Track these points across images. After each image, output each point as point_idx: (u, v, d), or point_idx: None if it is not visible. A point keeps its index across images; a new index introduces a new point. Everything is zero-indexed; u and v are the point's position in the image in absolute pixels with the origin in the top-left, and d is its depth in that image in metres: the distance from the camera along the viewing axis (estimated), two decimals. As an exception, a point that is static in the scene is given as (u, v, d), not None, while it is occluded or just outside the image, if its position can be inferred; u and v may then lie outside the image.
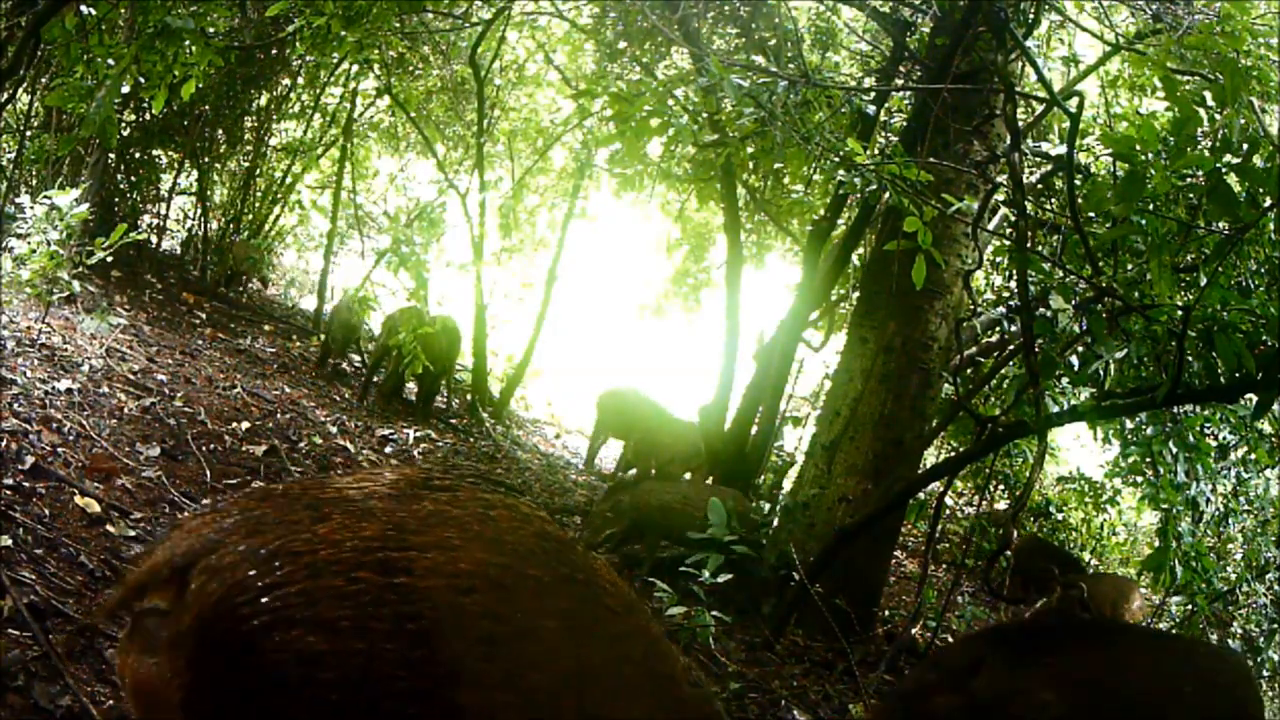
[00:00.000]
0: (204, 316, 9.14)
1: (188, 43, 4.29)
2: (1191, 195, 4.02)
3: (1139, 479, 5.83)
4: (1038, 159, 6.12)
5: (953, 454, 8.01)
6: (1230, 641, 6.81)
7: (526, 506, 1.61)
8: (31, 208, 5.68)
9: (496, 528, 1.48)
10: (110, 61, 4.14)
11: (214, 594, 1.27)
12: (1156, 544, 5.33)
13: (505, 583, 1.41)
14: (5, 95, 6.08)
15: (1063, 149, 4.19)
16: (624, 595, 1.64)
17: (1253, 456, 5.92)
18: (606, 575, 1.66)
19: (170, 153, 10.28)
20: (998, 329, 6.42)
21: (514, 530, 1.51)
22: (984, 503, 9.25)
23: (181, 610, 1.30)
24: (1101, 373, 4.25)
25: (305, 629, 1.26)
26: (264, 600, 1.26)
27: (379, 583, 1.31)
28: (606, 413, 9.16)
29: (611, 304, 14.60)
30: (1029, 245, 4.37)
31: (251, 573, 1.27)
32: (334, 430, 6.96)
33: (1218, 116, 3.28)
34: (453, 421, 9.19)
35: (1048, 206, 6.36)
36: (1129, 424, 5.68)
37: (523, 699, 1.37)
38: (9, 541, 3.24)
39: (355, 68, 9.70)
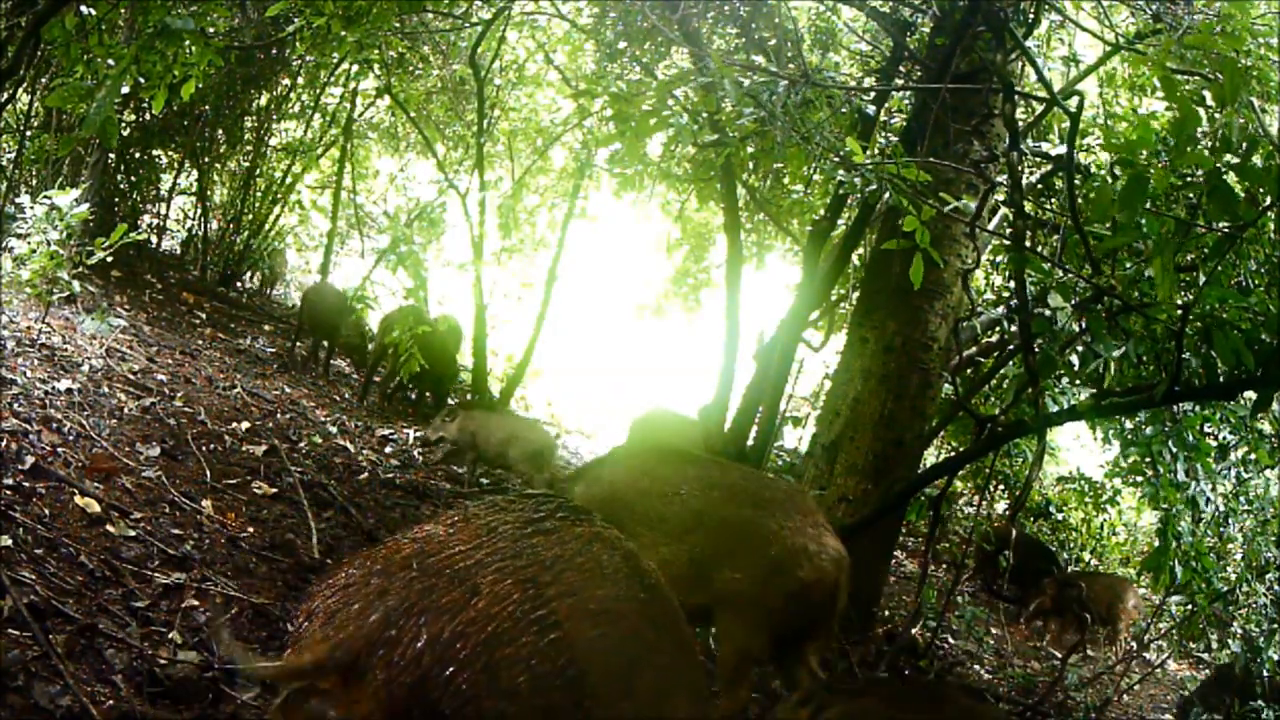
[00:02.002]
0: (204, 316, 9.14)
1: (188, 43, 4.29)
2: (1191, 195, 4.02)
3: (1139, 479, 5.83)
4: (1037, 159, 6.12)
5: (953, 454, 8.01)
6: (1230, 641, 6.81)
7: (601, 527, 1.81)
8: (31, 208, 5.68)
9: (598, 559, 1.70)
10: (110, 61, 4.14)
11: (406, 684, 1.46)
12: (1156, 544, 5.33)
13: (620, 612, 1.66)
14: (5, 95, 6.08)
15: (1063, 149, 4.19)
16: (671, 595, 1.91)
17: (1253, 456, 5.91)
18: (661, 579, 1.92)
19: (170, 153, 10.29)
20: (998, 329, 6.42)
21: (610, 558, 1.75)
22: (984, 503, 9.25)
23: (363, 698, 1.47)
24: (1100, 371, 4.25)
25: (495, 699, 1.45)
26: (455, 684, 1.46)
27: (538, 643, 1.51)
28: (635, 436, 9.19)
29: (611, 304, 14.59)
30: (1028, 245, 4.37)
31: (439, 662, 1.46)
32: (334, 430, 6.96)
33: (1218, 116, 3.28)
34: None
35: (1048, 206, 6.36)
36: (1129, 423, 5.68)
37: (643, 705, 1.62)
38: (9, 541, 3.24)
39: (355, 68, 9.71)
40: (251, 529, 4.44)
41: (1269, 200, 3.14)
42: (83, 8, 4.23)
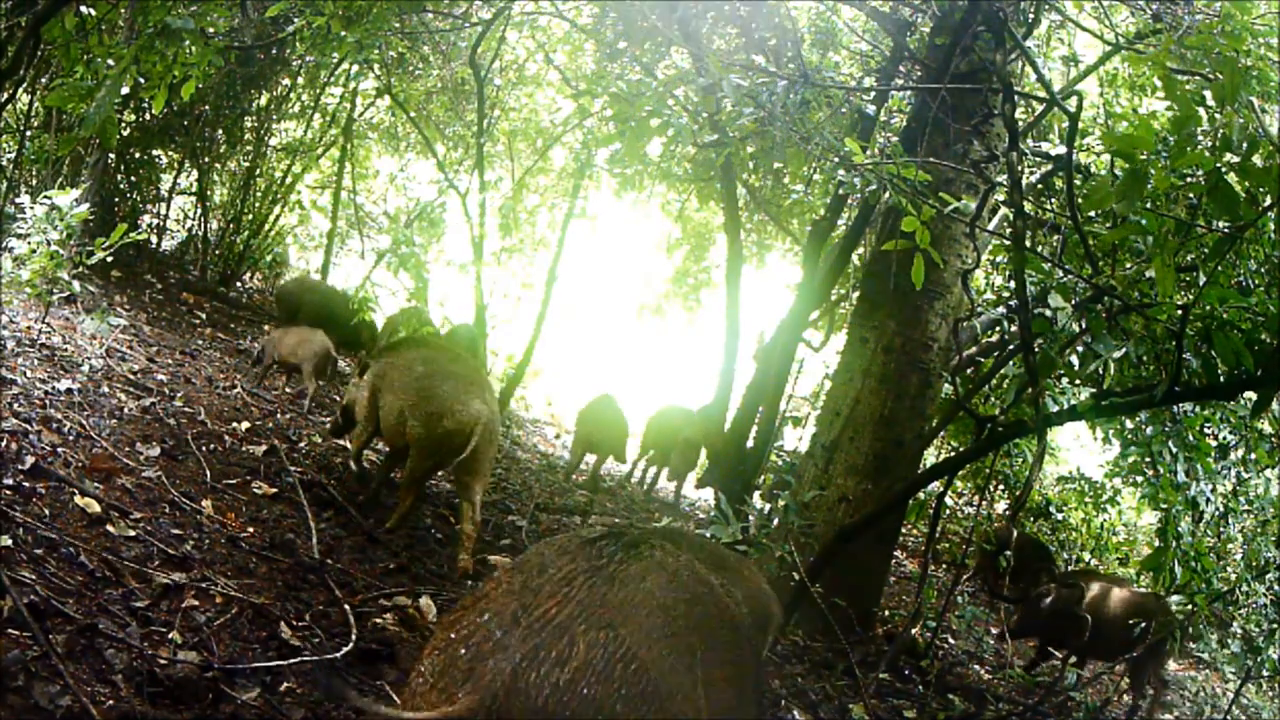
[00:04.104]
0: (204, 316, 9.14)
1: (188, 43, 4.29)
2: (1191, 195, 4.02)
3: (1139, 479, 5.83)
4: (1037, 159, 6.12)
5: (953, 454, 8.01)
6: (1230, 641, 6.81)
7: (646, 557, 2.11)
8: (31, 208, 5.68)
9: (652, 593, 2.02)
10: (110, 61, 4.14)
11: None
12: (1156, 544, 5.33)
13: (678, 631, 2.00)
14: (5, 95, 6.08)
15: (1063, 149, 4.20)
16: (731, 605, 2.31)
17: (1253, 456, 5.92)
18: (723, 588, 2.31)
19: (170, 153, 10.29)
20: (998, 329, 6.42)
21: (686, 573, 2.15)
22: (984, 503, 9.25)
23: None
24: (1100, 372, 4.25)
25: None
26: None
27: (626, 674, 1.83)
28: (651, 432, 9.28)
29: (611, 304, 14.61)
30: (1028, 245, 4.37)
31: (561, 706, 1.79)
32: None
33: (1218, 116, 3.28)
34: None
35: (1048, 206, 6.36)
36: (1129, 424, 5.68)
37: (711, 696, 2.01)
38: (9, 541, 3.24)
39: (355, 68, 9.68)
40: (251, 529, 4.44)
41: (1269, 200, 3.14)
42: (83, 8, 4.23)
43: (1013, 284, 5.59)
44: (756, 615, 3.70)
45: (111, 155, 8.71)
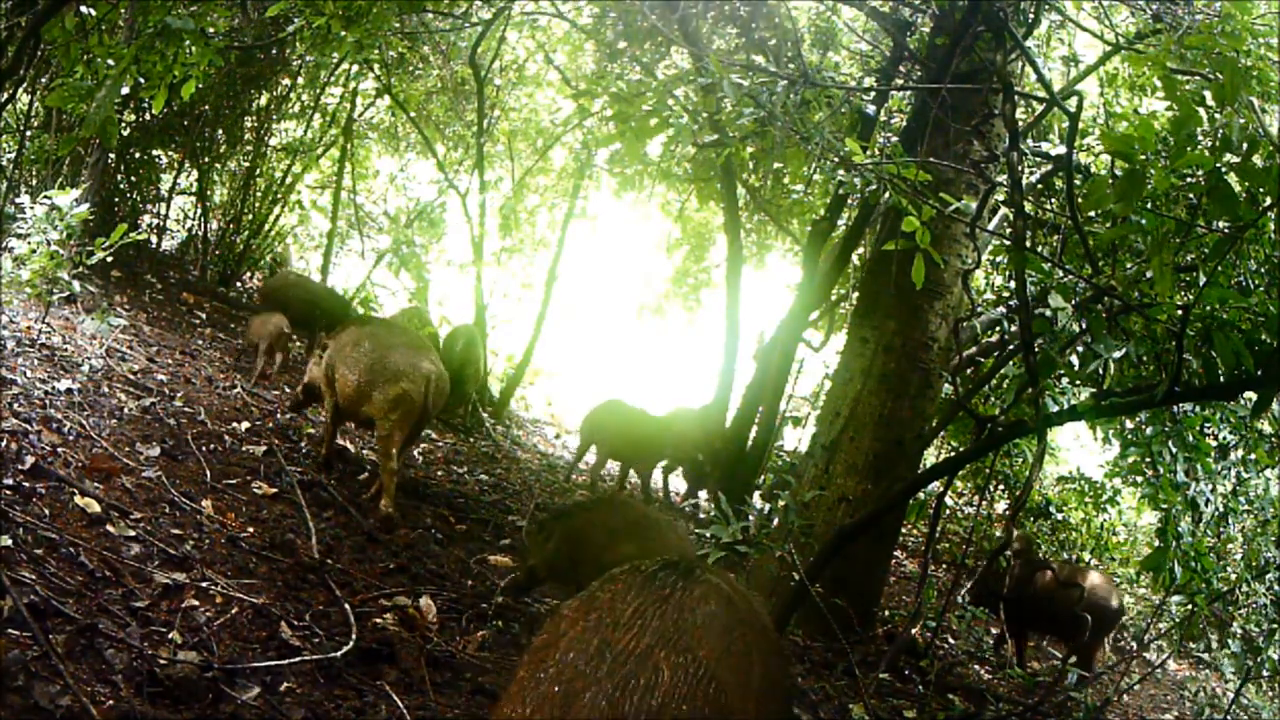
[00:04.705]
0: (204, 316, 9.14)
1: (188, 43, 4.29)
2: (1191, 195, 4.02)
3: (1139, 479, 5.82)
4: (1037, 159, 6.12)
5: (953, 454, 8.00)
6: (1230, 641, 6.81)
7: (705, 582, 2.26)
8: (31, 208, 5.68)
9: (715, 614, 2.17)
10: (110, 61, 4.14)
11: None
12: (1156, 544, 5.33)
13: (739, 650, 2.16)
14: (5, 95, 6.09)
15: (1063, 149, 4.20)
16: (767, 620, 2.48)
17: (1253, 456, 5.91)
18: (751, 595, 2.49)
19: (170, 153, 10.28)
20: (998, 329, 6.42)
21: (737, 596, 2.30)
22: (984, 503, 9.25)
23: None
24: (1101, 372, 4.25)
25: None
26: None
27: (707, 693, 1.98)
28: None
29: (611, 304, 14.60)
30: (1028, 245, 4.37)
31: None
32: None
33: (1218, 116, 3.28)
34: (454, 421, 9.19)
35: (1048, 206, 6.36)
36: (1129, 424, 5.68)
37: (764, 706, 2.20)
38: (9, 541, 3.24)
39: (355, 68, 9.71)
40: (251, 529, 4.44)
41: (1269, 200, 3.14)
42: (83, 8, 4.23)
43: (1013, 284, 5.60)
44: None
45: (111, 155, 8.71)
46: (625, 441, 8.50)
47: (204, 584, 3.65)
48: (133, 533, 3.82)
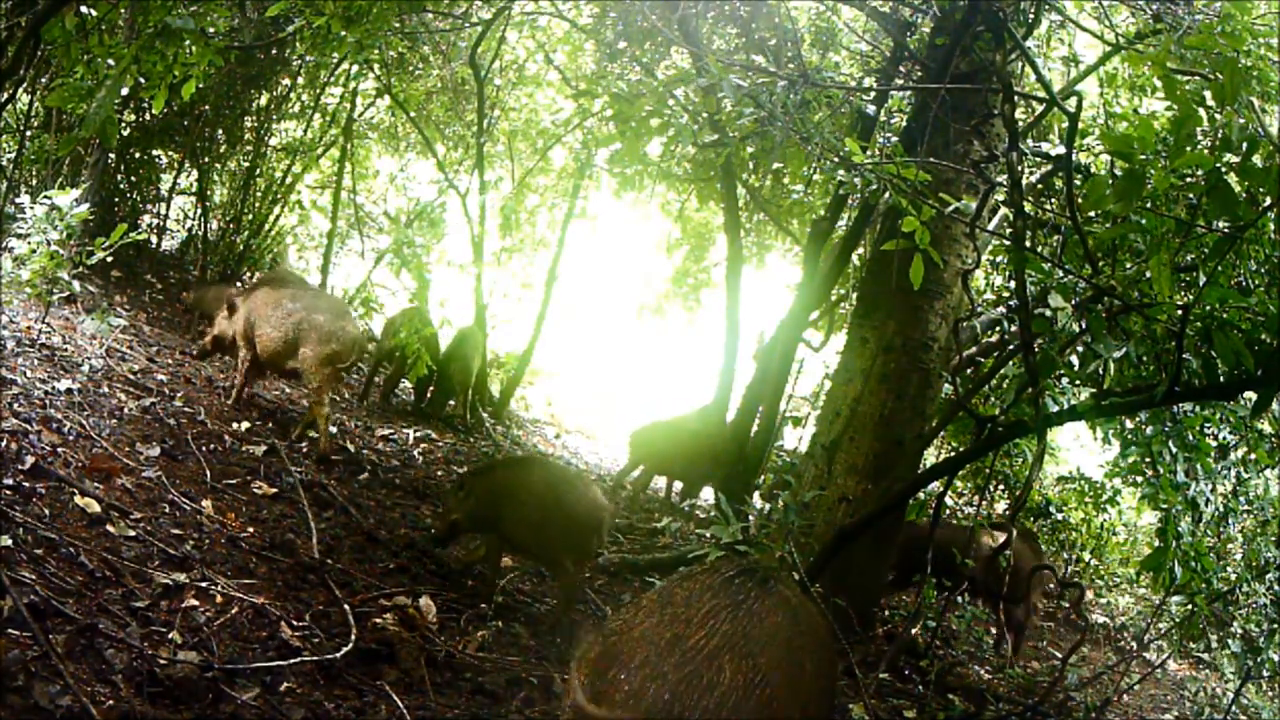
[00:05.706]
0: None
1: (188, 43, 4.28)
2: (1191, 195, 4.02)
3: (1139, 479, 5.81)
4: (1037, 159, 6.12)
5: (953, 454, 8.00)
6: (1230, 641, 6.81)
7: (778, 592, 2.35)
8: (31, 208, 5.67)
9: (781, 625, 2.27)
10: (110, 61, 4.14)
11: None
12: (1156, 544, 5.32)
13: (798, 660, 2.26)
14: (5, 95, 6.09)
15: (1062, 149, 4.19)
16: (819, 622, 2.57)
17: (1253, 456, 5.91)
18: (813, 608, 2.59)
19: (170, 153, 10.27)
20: (998, 329, 6.41)
21: (806, 614, 2.39)
22: (984, 503, 9.24)
23: None
24: (1101, 372, 4.25)
25: None
26: None
27: (764, 698, 2.09)
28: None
29: (611, 304, 14.59)
30: (1028, 245, 4.37)
31: None
32: (334, 430, 6.96)
33: (1218, 116, 3.27)
34: (454, 421, 9.19)
35: (1048, 206, 6.36)
36: (1129, 424, 5.67)
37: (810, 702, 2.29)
38: (9, 541, 3.24)
39: (355, 68, 9.69)
40: (251, 529, 4.44)
41: (1269, 200, 3.14)
42: (83, 8, 4.22)
43: (1013, 284, 5.59)
44: (590, 519, 4.64)
45: (111, 155, 8.70)
46: (675, 460, 8.64)
47: (204, 584, 3.65)
48: (133, 533, 3.82)
